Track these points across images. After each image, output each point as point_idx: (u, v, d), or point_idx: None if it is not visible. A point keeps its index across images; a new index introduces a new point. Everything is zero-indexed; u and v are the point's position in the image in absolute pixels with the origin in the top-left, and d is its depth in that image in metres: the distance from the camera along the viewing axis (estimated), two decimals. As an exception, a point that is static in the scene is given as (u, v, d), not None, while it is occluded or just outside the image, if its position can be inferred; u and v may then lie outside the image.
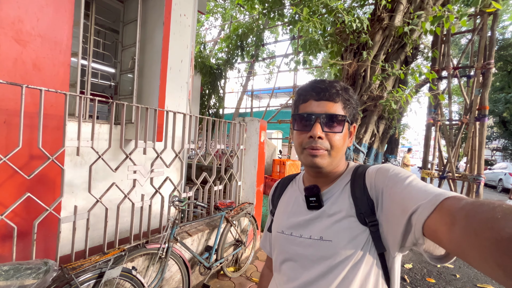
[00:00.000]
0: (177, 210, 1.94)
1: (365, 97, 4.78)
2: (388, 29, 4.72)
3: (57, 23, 1.80)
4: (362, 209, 0.60)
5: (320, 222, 0.64)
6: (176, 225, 1.90)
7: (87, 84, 2.55)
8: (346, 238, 0.59)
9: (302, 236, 0.65)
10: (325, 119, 0.63)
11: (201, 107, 9.49)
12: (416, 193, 0.49)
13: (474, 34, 4.83)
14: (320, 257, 0.61)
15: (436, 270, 3.21)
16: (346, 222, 0.61)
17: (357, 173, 0.67)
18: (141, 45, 2.68)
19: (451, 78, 4.81)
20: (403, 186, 0.53)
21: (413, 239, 0.49)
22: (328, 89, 0.64)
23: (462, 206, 0.39)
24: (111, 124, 1.71)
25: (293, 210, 0.72)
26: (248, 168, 3.15)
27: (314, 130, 0.62)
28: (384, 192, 0.57)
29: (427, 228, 0.45)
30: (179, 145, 2.25)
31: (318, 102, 0.64)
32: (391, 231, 0.54)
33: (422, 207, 0.46)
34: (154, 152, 2.03)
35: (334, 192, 0.66)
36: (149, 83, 2.68)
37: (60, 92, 1.43)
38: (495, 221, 0.33)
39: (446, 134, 4.85)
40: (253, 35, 8.52)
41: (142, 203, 1.92)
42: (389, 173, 0.59)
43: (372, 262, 0.58)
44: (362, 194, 0.61)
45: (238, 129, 3.06)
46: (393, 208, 0.54)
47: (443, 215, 0.42)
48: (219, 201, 2.34)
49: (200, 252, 2.38)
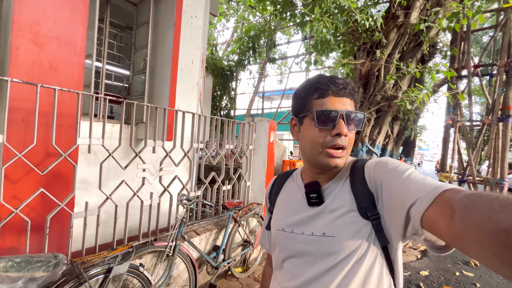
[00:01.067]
0: (185, 209, 1.95)
1: (379, 97, 4.64)
2: (403, 27, 4.57)
3: (72, 26, 1.87)
4: (363, 203, 0.59)
5: (322, 218, 0.63)
6: (183, 223, 1.91)
7: (101, 85, 2.63)
8: (349, 233, 0.59)
9: (304, 233, 0.64)
10: (348, 116, 0.62)
11: (212, 108, 9.60)
12: (415, 186, 0.49)
13: (497, 30, 4.59)
14: (324, 253, 0.60)
15: (454, 279, 3.04)
16: (349, 217, 0.60)
17: (356, 167, 0.66)
18: (152, 47, 2.74)
19: (471, 77, 4.59)
20: (402, 179, 0.53)
21: (412, 230, 0.49)
22: (347, 85, 0.63)
23: (461, 198, 0.39)
24: (121, 123, 1.75)
25: (293, 207, 0.71)
26: (257, 168, 3.13)
27: (341, 128, 0.60)
28: (384, 185, 0.57)
29: (425, 220, 0.45)
30: (188, 144, 2.27)
31: (338, 99, 0.62)
32: (393, 224, 0.54)
33: (421, 200, 0.46)
34: (164, 151, 2.06)
35: (334, 188, 0.65)
36: (160, 83, 2.73)
37: (73, 91, 1.48)
38: (493, 213, 0.33)
39: (466, 135, 4.62)
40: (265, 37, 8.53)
41: (151, 201, 1.94)
42: (388, 166, 0.58)
43: (375, 254, 0.58)
44: (362, 188, 0.61)
45: (247, 129, 3.05)
46: (392, 201, 0.54)
47: (442, 207, 0.42)
48: (227, 201, 2.34)
49: (208, 251, 2.38)
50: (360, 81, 4.95)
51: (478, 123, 4.57)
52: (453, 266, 3.36)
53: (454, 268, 3.31)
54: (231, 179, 2.83)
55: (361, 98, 4.94)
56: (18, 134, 1.50)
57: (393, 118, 4.92)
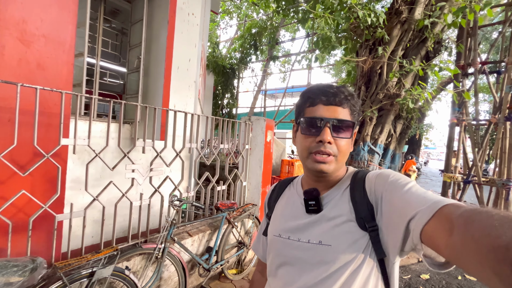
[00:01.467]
0: (175, 210, 1.91)
1: (381, 95, 4.53)
2: (407, 23, 4.44)
3: (60, 24, 1.83)
4: (361, 213, 0.59)
5: (319, 226, 0.63)
6: (174, 225, 1.87)
7: (95, 84, 2.61)
8: (346, 243, 0.58)
9: (300, 240, 0.64)
10: (334, 124, 0.62)
11: (214, 107, 9.56)
12: (415, 200, 0.49)
13: (505, 26, 4.42)
14: (319, 261, 0.60)
15: (456, 283, 2.95)
16: (346, 227, 0.60)
17: (356, 177, 0.66)
18: (147, 45, 2.70)
19: (478, 74, 4.44)
20: (402, 192, 0.53)
21: (411, 245, 0.49)
22: (337, 94, 0.63)
23: (461, 214, 0.39)
24: (108, 122, 1.71)
25: (291, 213, 0.71)
26: (253, 168, 3.08)
27: (324, 135, 0.61)
28: (384, 197, 0.57)
29: (425, 234, 0.44)
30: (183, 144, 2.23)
31: (327, 107, 0.63)
32: (391, 237, 0.54)
33: (421, 213, 0.46)
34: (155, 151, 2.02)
35: (333, 196, 0.66)
36: (154, 82, 2.69)
37: (56, 90, 1.44)
38: (492, 229, 0.33)
39: (472, 134, 4.48)
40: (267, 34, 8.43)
41: (140, 202, 1.91)
42: (389, 179, 0.58)
43: (371, 267, 0.58)
44: (362, 199, 0.61)
45: (243, 129, 2.99)
46: (392, 214, 0.54)
47: (441, 222, 0.42)
48: (220, 202, 2.29)
49: (201, 253, 2.35)
50: (362, 79, 4.84)
51: (485, 122, 4.42)
52: (455, 269, 3.26)
53: (456, 271, 3.21)
54: (226, 179, 2.78)
55: (362, 96, 4.83)
56: (5, 134, 1.48)
57: (395, 117, 4.80)
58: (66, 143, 1.50)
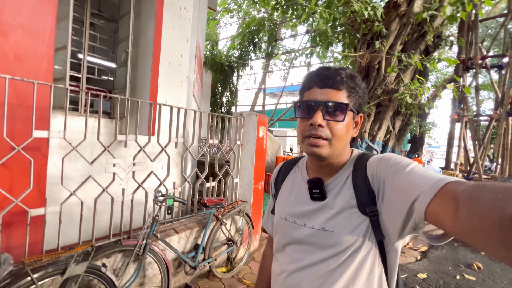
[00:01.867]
0: (158, 206, 1.85)
1: (379, 90, 4.43)
2: (406, 17, 4.33)
3: (39, 14, 1.78)
4: (362, 199, 0.61)
5: (322, 213, 0.65)
6: (156, 221, 1.82)
7: (82, 78, 2.56)
8: (347, 229, 0.61)
9: (305, 225, 0.67)
10: (327, 107, 0.62)
11: (213, 105, 9.51)
12: (418, 180, 0.49)
13: (507, 18, 4.29)
14: (322, 245, 0.64)
15: (454, 282, 2.86)
16: (348, 213, 0.62)
17: (359, 163, 0.66)
18: (135, 38, 2.64)
19: (479, 69, 4.32)
20: (404, 174, 0.54)
21: (413, 225, 0.50)
22: (332, 76, 0.63)
23: (464, 190, 0.39)
24: (86, 116, 1.66)
25: (297, 198, 0.73)
26: (245, 165, 3.02)
27: (314, 118, 0.61)
28: (386, 182, 0.57)
29: (429, 213, 0.45)
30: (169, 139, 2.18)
31: (321, 90, 0.63)
32: (392, 219, 0.55)
33: (424, 194, 0.46)
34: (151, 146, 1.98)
35: (337, 184, 0.67)
36: (142, 76, 2.64)
37: (26, 80, 1.39)
38: (497, 202, 0.33)
39: (473, 131, 4.37)
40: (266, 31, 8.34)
41: (122, 197, 1.86)
42: (390, 163, 0.59)
43: (370, 248, 0.61)
44: (363, 185, 0.62)
45: (235, 124, 2.93)
46: (394, 197, 0.54)
47: (445, 200, 0.42)
48: (207, 198, 2.23)
49: (188, 250, 2.29)
50: (360, 74, 4.74)
51: (486, 118, 4.31)
52: (454, 268, 3.17)
53: (455, 271, 3.12)
54: (217, 176, 2.72)
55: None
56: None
57: (394, 113, 4.70)
58: (39, 135, 1.45)
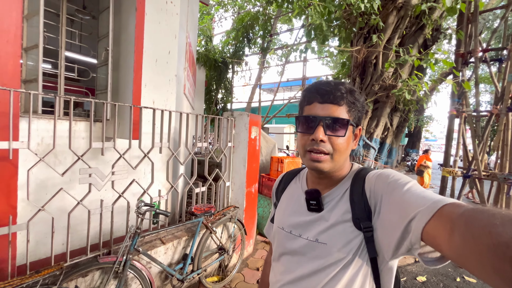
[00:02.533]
0: (140, 218, 1.71)
1: (376, 87, 4.29)
2: (403, 9, 4.16)
3: (1, 11, 1.61)
4: (358, 214, 0.61)
5: (318, 225, 0.66)
6: (138, 234, 1.68)
7: (59, 79, 2.38)
8: (340, 243, 0.61)
9: (301, 236, 0.68)
10: (328, 122, 0.63)
11: (208, 102, 9.32)
12: (415, 200, 0.49)
13: (508, 10, 4.15)
14: (314, 256, 0.64)
15: (454, 285, 2.78)
16: (342, 227, 0.62)
17: (357, 177, 0.66)
18: (116, 35, 2.46)
19: (478, 63, 4.18)
20: (402, 192, 0.53)
21: (408, 245, 0.49)
22: (332, 91, 0.63)
23: (462, 213, 0.40)
24: (54, 121, 1.50)
25: (295, 208, 0.74)
26: (237, 167, 2.88)
27: (316, 133, 0.62)
28: (383, 198, 0.57)
29: (425, 234, 0.45)
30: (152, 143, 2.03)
31: (322, 105, 0.64)
32: (386, 237, 0.55)
33: (421, 213, 0.46)
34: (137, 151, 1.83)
35: (334, 197, 0.67)
36: (124, 76, 2.47)
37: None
38: (493, 227, 0.33)
39: (472, 126, 4.26)
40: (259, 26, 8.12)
41: (101, 209, 1.71)
42: (388, 179, 0.59)
43: (361, 264, 0.60)
44: (360, 200, 0.62)
45: (225, 125, 2.78)
46: (391, 214, 0.54)
47: (442, 222, 0.42)
48: (195, 206, 2.10)
49: (177, 261, 2.16)
50: (357, 70, 4.59)
51: (486, 113, 4.19)
52: (454, 270, 3.09)
53: (454, 272, 3.04)
54: (207, 180, 2.58)
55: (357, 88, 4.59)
56: None
57: (392, 110, 4.57)
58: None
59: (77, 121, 2.23)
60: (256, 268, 2.73)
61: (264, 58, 9.45)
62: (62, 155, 2.15)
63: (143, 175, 2.59)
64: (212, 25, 12.42)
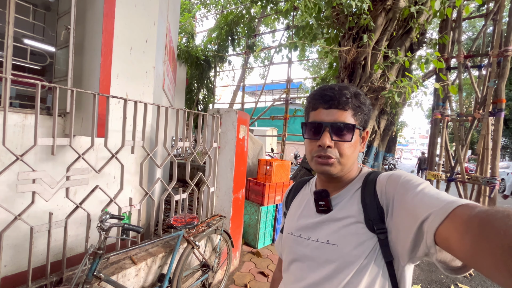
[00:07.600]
0: (103, 235, 1.34)
1: (365, 88, 4.21)
2: (392, 11, 4.14)
3: None
4: (371, 215, 0.59)
5: (328, 226, 0.64)
6: (99, 257, 1.31)
7: (5, 63, 1.93)
8: (352, 244, 0.59)
9: (310, 239, 0.66)
10: (334, 128, 0.62)
11: (189, 102, 8.87)
12: (428, 200, 0.48)
13: (487, 19, 4.28)
14: (325, 260, 0.61)
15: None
16: (354, 228, 0.60)
17: (368, 179, 0.65)
18: (79, 12, 2.06)
19: (462, 68, 4.26)
20: (414, 193, 0.52)
21: (425, 248, 0.48)
22: (337, 96, 0.63)
23: (476, 214, 0.38)
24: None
25: (304, 212, 0.72)
26: (223, 171, 2.56)
27: (323, 140, 0.62)
28: (395, 199, 0.56)
29: (439, 236, 0.43)
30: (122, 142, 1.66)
31: (327, 111, 0.64)
32: (401, 239, 0.53)
33: (434, 215, 0.45)
34: (104, 151, 1.44)
35: (343, 197, 0.66)
36: (89, 62, 2.07)
37: None
38: (508, 228, 0.32)
39: (456, 131, 4.32)
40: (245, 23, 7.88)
41: (48, 225, 1.32)
42: (400, 180, 0.57)
43: (378, 269, 0.57)
44: (372, 201, 0.60)
45: (210, 123, 2.46)
46: (403, 215, 0.53)
47: (456, 223, 0.41)
48: (174, 217, 1.76)
49: (151, 283, 1.79)
50: (345, 71, 4.49)
51: (468, 118, 4.27)
52: (446, 277, 3.00)
53: (447, 279, 2.95)
54: (188, 185, 2.24)
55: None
56: None
57: (379, 112, 4.51)
58: None
59: (26, 113, 1.81)
60: (244, 284, 2.41)
61: (248, 55, 9.19)
62: (6, 156, 1.71)
63: (113, 180, 2.19)
64: (194, 22, 12.00)
